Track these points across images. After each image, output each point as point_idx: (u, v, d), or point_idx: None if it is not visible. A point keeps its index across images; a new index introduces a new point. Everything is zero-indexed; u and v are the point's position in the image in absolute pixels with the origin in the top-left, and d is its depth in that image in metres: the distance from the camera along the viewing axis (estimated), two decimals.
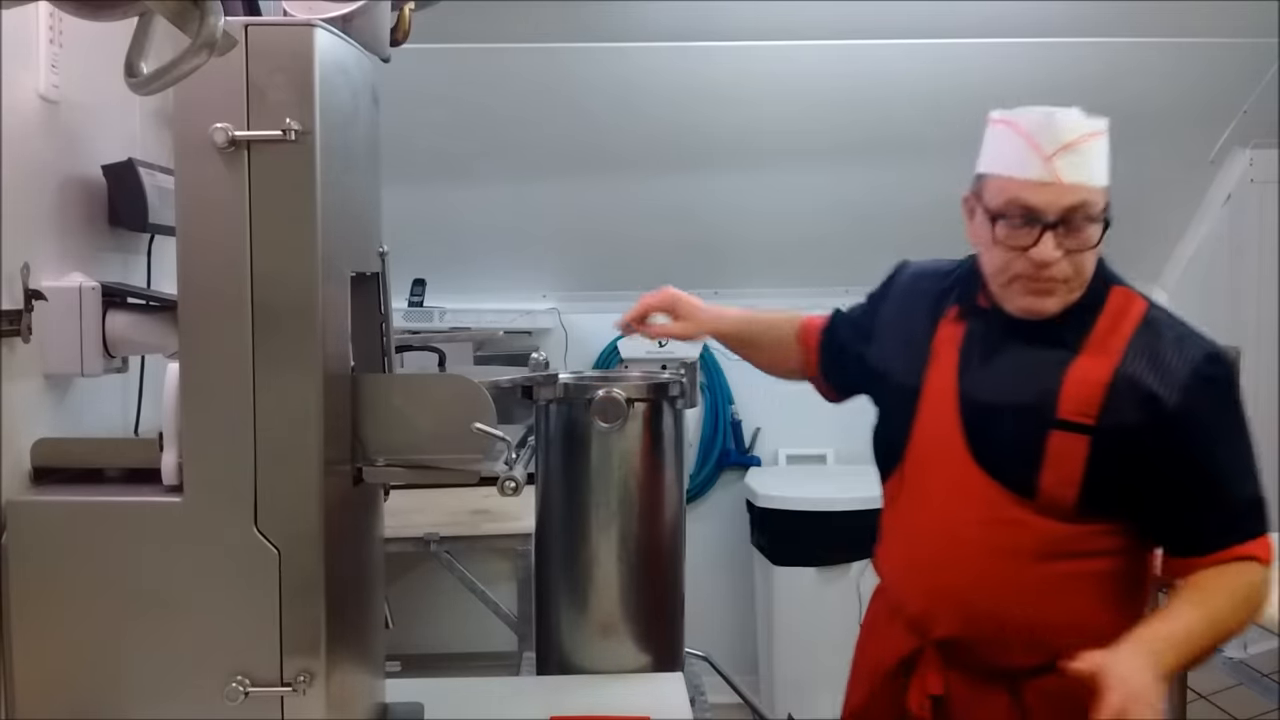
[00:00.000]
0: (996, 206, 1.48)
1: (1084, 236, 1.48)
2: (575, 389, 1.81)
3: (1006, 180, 1.48)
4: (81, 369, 1.38)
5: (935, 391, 1.57)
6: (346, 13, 1.28)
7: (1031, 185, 1.45)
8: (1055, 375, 1.49)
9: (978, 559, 1.51)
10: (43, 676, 1.22)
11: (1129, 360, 1.48)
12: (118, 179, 1.55)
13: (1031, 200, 1.45)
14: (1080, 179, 1.45)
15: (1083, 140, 1.46)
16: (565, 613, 1.86)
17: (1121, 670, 1.26)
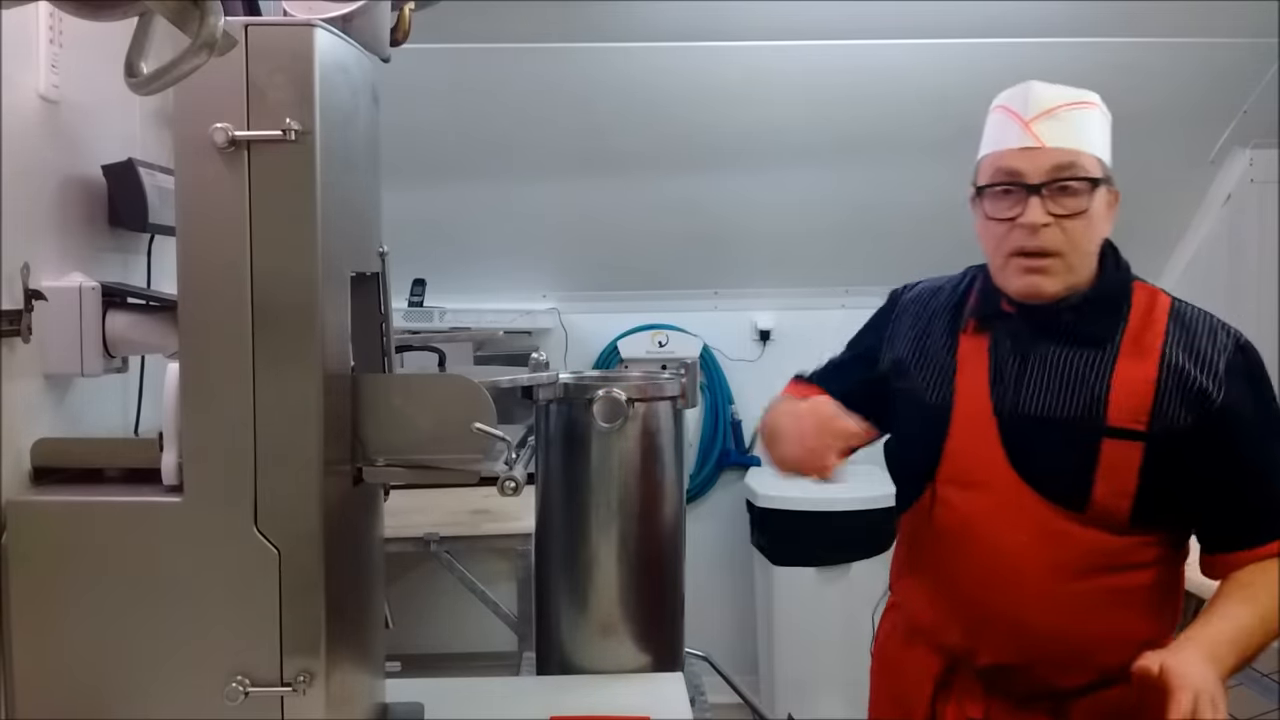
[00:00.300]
0: (984, 180, 1.48)
1: (1072, 201, 1.44)
2: (575, 389, 1.81)
3: (992, 155, 1.48)
4: (81, 369, 1.38)
5: (967, 408, 1.50)
6: (346, 13, 1.28)
7: (1013, 152, 1.44)
8: (1100, 381, 1.43)
9: (1029, 581, 1.44)
10: (43, 676, 1.22)
11: (1170, 358, 1.43)
12: (118, 179, 1.55)
13: (1013, 165, 1.44)
14: (1063, 143, 1.44)
15: (1063, 107, 1.46)
16: (565, 613, 1.86)
17: (1188, 670, 1.25)
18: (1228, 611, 1.38)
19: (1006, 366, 1.49)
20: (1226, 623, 1.36)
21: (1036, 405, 1.45)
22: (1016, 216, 1.43)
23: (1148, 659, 1.28)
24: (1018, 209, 1.43)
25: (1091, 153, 1.47)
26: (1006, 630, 1.46)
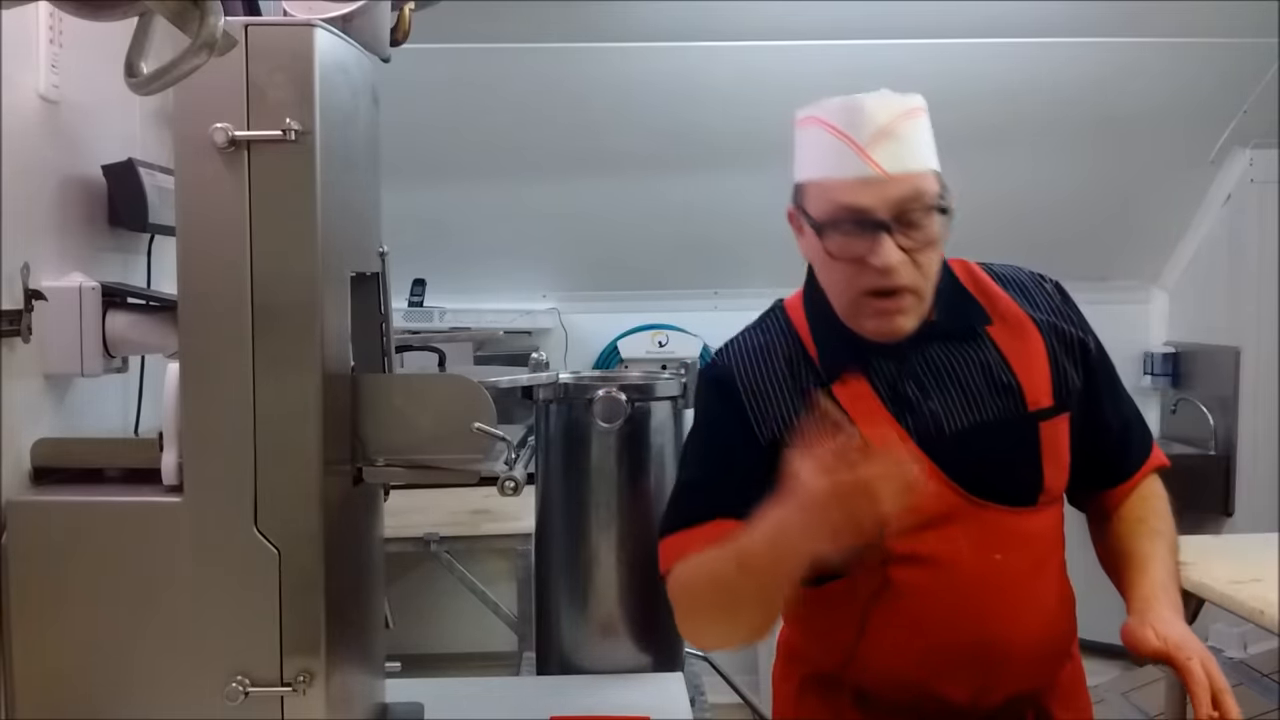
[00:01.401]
0: (822, 215, 1.30)
1: (924, 232, 1.29)
2: (575, 389, 1.81)
3: (825, 183, 1.30)
4: (81, 369, 1.38)
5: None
6: (346, 13, 1.28)
7: (853, 184, 1.28)
8: (1002, 370, 1.36)
9: (1023, 596, 1.34)
10: (43, 676, 1.22)
11: (1039, 321, 1.39)
12: (118, 179, 1.55)
13: (858, 201, 1.27)
14: (905, 167, 1.29)
15: (898, 122, 1.30)
16: (565, 613, 1.86)
17: (1184, 638, 1.25)
18: (1154, 554, 1.37)
19: (903, 397, 1.35)
20: (1160, 567, 1.36)
21: (958, 420, 1.34)
22: (866, 256, 1.27)
23: (1144, 633, 1.26)
24: (865, 247, 1.27)
25: (931, 170, 1.33)
26: (1016, 662, 1.34)
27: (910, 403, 1.34)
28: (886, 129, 1.29)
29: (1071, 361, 1.39)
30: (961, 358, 1.37)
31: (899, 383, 1.35)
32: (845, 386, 1.35)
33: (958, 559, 1.32)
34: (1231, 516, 3.85)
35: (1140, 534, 1.41)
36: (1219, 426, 3.81)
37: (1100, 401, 1.42)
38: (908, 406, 1.34)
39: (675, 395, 1.86)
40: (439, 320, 3.49)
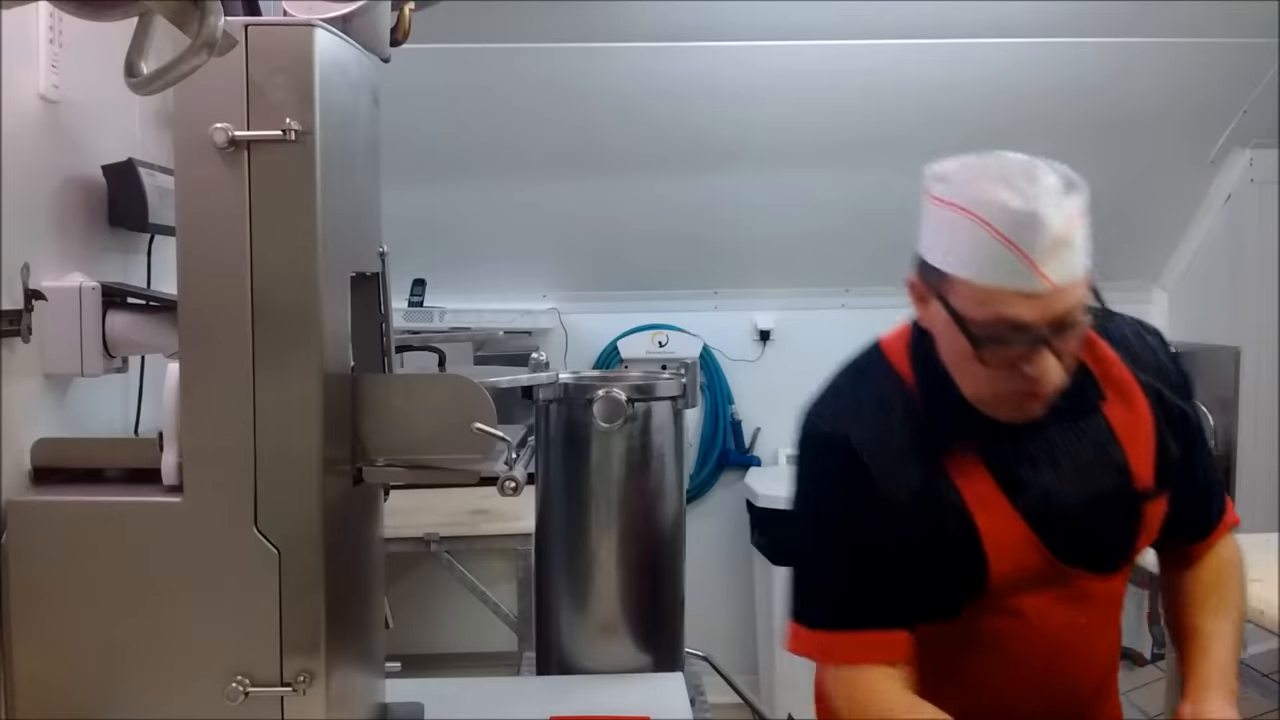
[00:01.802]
0: (978, 321, 1.20)
1: (1079, 333, 1.23)
2: (575, 389, 1.81)
3: (985, 290, 1.19)
4: (81, 369, 1.38)
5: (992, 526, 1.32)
6: (346, 13, 1.28)
7: (1017, 297, 1.17)
8: (1113, 448, 1.34)
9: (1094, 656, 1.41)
10: (43, 676, 1.22)
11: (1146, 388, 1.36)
12: (118, 179, 1.55)
13: (1023, 316, 1.18)
14: (1072, 275, 1.19)
15: (1072, 228, 1.18)
16: (565, 613, 1.86)
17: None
18: (1218, 633, 1.38)
19: (1015, 474, 1.33)
20: (1222, 648, 1.37)
21: (1066, 498, 1.33)
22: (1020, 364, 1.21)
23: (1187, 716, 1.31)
24: (1022, 356, 1.21)
25: (1088, 266, 1.22)
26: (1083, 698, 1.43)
27: (1021, 480, 1.32)
28: (1061, 239, 1.17)
29: (1174, 433, 1.38)
30: (1075, 435, 1.34)
31: (1013, 461, 1.32)
32: (957, 460, 1.32)
33: (1044, 617, 1.35)
34: None
35: (1209, 607, 1.41)
36: (1219, 426, 3.81)
37: (1192, 466, 1.41)
38: (1019, 483, 1.32)
39: (675, 395, 1.86)
40: (439, 320, 3.49)
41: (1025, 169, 1.21)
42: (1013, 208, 1.16)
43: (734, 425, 3.91)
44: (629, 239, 3.70)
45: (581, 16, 3.08)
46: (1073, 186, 1.21)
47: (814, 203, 3.63)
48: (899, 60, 3.25)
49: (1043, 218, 1.16)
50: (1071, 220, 1.18)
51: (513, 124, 3.37)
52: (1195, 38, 3.26)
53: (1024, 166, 1.22)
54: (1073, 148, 3.94)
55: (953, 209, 1.22)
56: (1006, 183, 1.19)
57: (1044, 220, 1.16)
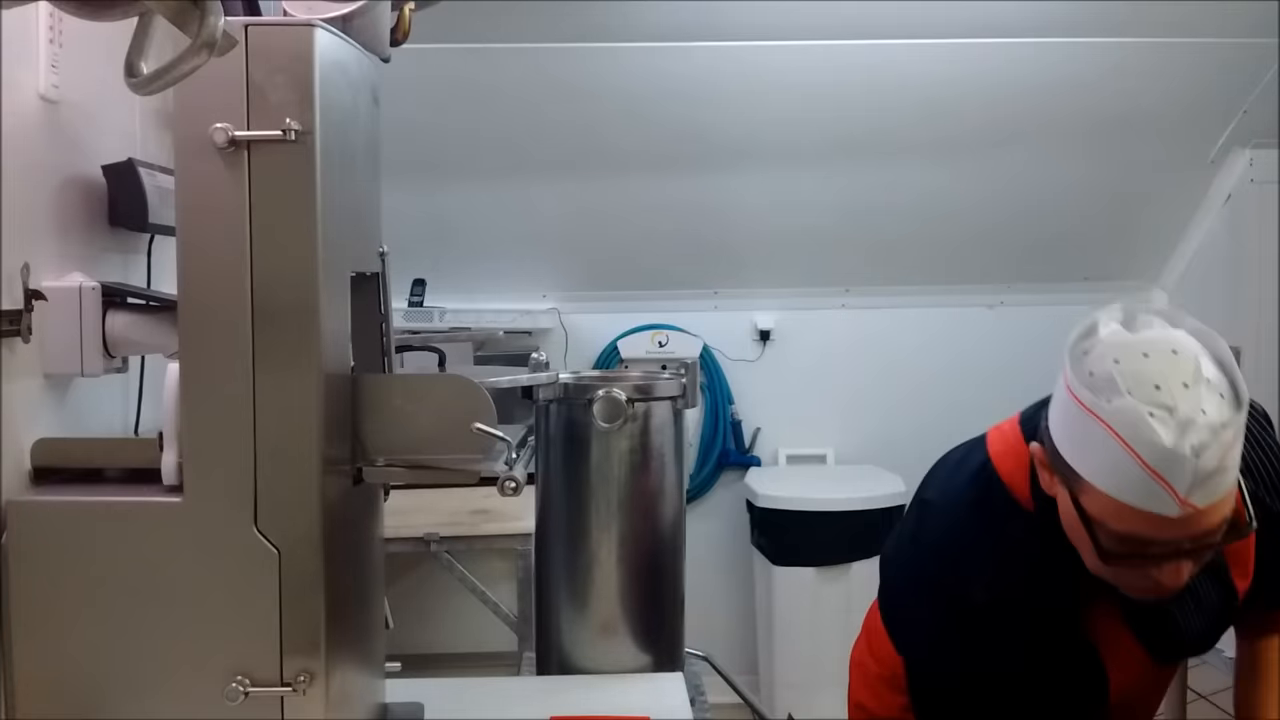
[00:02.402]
0: (1107, 525, 1.15)
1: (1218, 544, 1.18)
2: (575, 389, 1.81)
3: (1123, 507, 1.12)
4: (81, 369, 1.38)
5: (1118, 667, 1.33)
6: (346, 13, 1.28)
7: (1159, 519, 1.11)
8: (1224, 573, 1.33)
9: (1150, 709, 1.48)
10: (43, 676, 1.22)
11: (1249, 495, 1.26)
12: (118, 179, 1.55)
13: (1160, 535, 1.13)
14: (1218, 496, 1.11)
15: (1227, 457, 1.10)
16: (565, 613, 1.86)
17: None
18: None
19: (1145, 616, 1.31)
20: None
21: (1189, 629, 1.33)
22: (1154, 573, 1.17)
23: None
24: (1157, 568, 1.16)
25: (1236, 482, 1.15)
26: None
27: (1151, 619, 1.31)
28: (1212, 471, 1.09)
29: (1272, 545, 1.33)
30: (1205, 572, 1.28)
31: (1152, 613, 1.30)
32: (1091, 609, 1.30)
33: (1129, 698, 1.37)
34: None
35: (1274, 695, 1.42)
36: None
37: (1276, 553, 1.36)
38: (1149, 623, 1.31)
39: (675, 395, 1.86)
40: (439, 320, 3.49)
41: (1184, 383, 1.10)
42: (1165, 446, 1.07)
43: (734, 425, 3.91)
44: (629, 239, 3.70)
45: (581, 16, 3.09)
46: (1234, 402, 1.13)
47: (814, 203, 3.63)
48: (900, 60, 3.25)
49: (1196, 458, 1.07)
50: (1226, 450, 1.10)
51: (513, 124, 3.37)
52: (1195, 38, 3.26)
53: (1182, 376, 1.10)
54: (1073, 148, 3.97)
55: (1099, 424, 1.12)
56: (1161, 407, 1.08)
57: (1198, 462, 1.08)
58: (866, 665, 1.58)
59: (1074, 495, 1.17)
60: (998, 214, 3.72)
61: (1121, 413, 1.09)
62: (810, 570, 3.45)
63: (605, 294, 3.84)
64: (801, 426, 3.94)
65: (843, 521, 3.41)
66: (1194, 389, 1.09)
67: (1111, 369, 1.11)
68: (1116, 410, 1.10)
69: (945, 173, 3.56)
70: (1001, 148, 3.50)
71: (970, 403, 3.97)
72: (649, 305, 3.87)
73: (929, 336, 3.96)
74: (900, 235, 3.75)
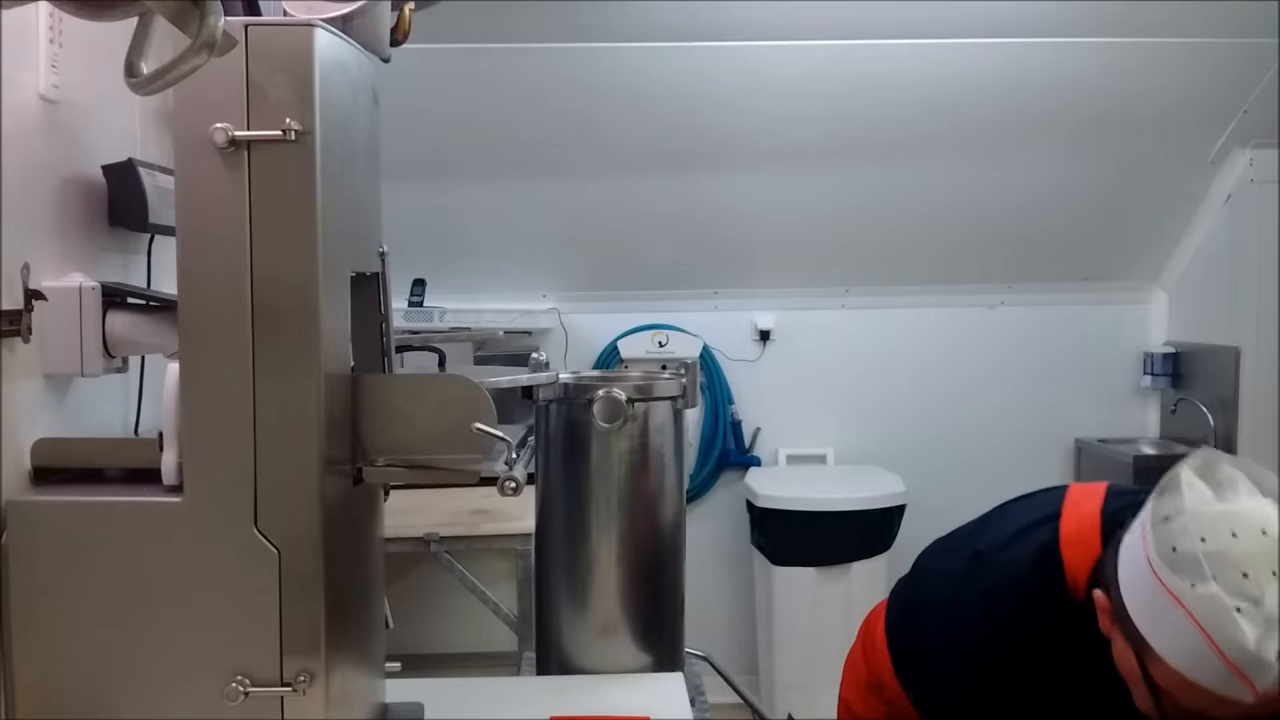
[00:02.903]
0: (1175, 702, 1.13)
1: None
2: (575, 389, 1.81)
3: (1196, 688, 1.09)
4: (81, 369, 1.38)
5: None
6: (346, 13, 1.28)
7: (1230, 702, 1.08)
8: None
9: None
10: (43, 676, 1.22)
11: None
12: (118, 179, 1.55)
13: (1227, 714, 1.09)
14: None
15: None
16: (565, 613, 1.85)
17: None
18: None
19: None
20: None
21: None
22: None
23: None
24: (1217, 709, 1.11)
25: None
26: None
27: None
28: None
29: None
30: None
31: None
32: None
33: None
34: None
35: None
36: (1219, 426, 3.81)
37: None
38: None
39: (675, 395, 1.86)
40: (439, 320, 3.49)
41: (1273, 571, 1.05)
42: (1249, 648, 1.04)
43: (734, 425, 3.91)
44: (629, 239, 3.70)
45: (581, 16, 3.09)
46: None
47: (814, 202, 3.64)
48: (900, 60, 3.26)
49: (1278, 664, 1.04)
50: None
51: (513, 124, 3.37)
52: (1195, 38, 3.26)
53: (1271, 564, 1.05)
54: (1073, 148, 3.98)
55: (1180, 608, 1.08)
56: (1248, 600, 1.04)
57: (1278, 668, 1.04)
58: (858, 669, 1.58)
59: (1142, 662, 1.13)
60: (998, 214, 3.72)
61: (1205, 602, 1.05)
62: (810, 570, 3.45)
63: (605, 294, 3.84)
64: (801, 426, 3.94)
65: (843, 521, 3.41)
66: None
67: (1197, 549, 1.06)
68: (1199, 599, 1.05)
69: (945, 172, 3.56)
70: (1002, 148, 3.50)
71: (970, 402, 4.00)
72: (649, 305, 3.87)
73: (929, 336, 3.97)
74: (900, 235, 3.75)
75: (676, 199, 3.60)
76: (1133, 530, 1.17)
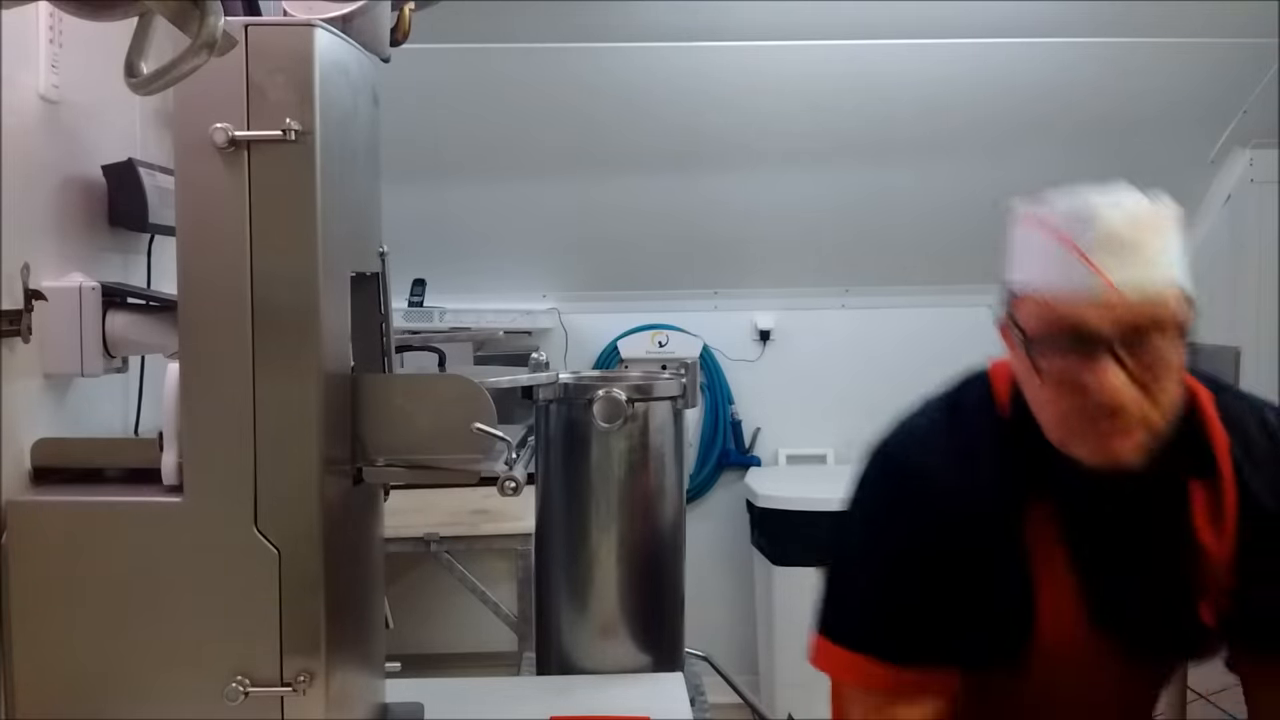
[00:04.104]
0: (1036, 330, 1.15)
1: (1157, 357, 1.12)
2: (575, 389, 1.81)
3: (1043, 295, 1.14)
4: (81, 369, 1.38)
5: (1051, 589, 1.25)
6: (346, 13, 1.28)
7: (1075, 298, 1.11)
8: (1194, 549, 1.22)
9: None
10: (43, 676, 1.22)
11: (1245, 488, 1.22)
12: (118, 179, 1.55)
13: (1082, 320, 1.11)
14: (1145, 286, 1.11)
15: (1137, 231, 1.13)
16: (565, 613, 1.86)
17: None
18: None
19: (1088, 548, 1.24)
20: None
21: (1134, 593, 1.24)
22: (1083, 378, 1.12)
23: None
24: (1087, 373, 1.11)
25: (1177, 288, 1.16)
26: None
27: (1093, 557, 1.24)
28: (1120, 237, 1.12)
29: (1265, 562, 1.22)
30: (1160, 519, 1.23)
31: (1089, 532, 1.24)
32: (1034, 520, 1.24)
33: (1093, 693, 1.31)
34: None
35: None
36: None
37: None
38: (1090, 558, 1.24)
39: (675, 395, 1.86)
40: (439, 320, 3.49)
41: (1102, 188, 1.17)
42: (1070, 204, 1.15)
43: (734, 425, 3.91)
44: (629, 239, 3.70)
45: (581, 16, 3.09)
46: (1155, 202, 1.16)
47: (814, 202, 3.63)
48: (900, 60, 3.26)
49: (1099, 211, 1.12)
50: (1138, 223, 1.13)
51: (512, 124, 3.37)
52: (1195, 38, 3.26)
53: (1102, 186, 1.17)
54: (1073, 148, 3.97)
55: (1024, 223, 1.20)
56: (1075, 193, 1.15)
57: (1100, 213, 1.12)
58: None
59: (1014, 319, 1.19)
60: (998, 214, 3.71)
61: (1044, 204, 1.18)
62: (810, 570, 3.43)
63: (605, 294, 3.84)
64: (801, 426, 3.93)
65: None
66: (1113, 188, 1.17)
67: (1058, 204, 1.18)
68: (1041, 205, 1.18)
69: (946, 172, 3.56)
70: (1002, 148, 3.50)
71: None
72: (649, 305, 3.87)
73: (929, 336, 3.96)
74: (900, 235, 3.75)
75: (677, 199, 3.60)
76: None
